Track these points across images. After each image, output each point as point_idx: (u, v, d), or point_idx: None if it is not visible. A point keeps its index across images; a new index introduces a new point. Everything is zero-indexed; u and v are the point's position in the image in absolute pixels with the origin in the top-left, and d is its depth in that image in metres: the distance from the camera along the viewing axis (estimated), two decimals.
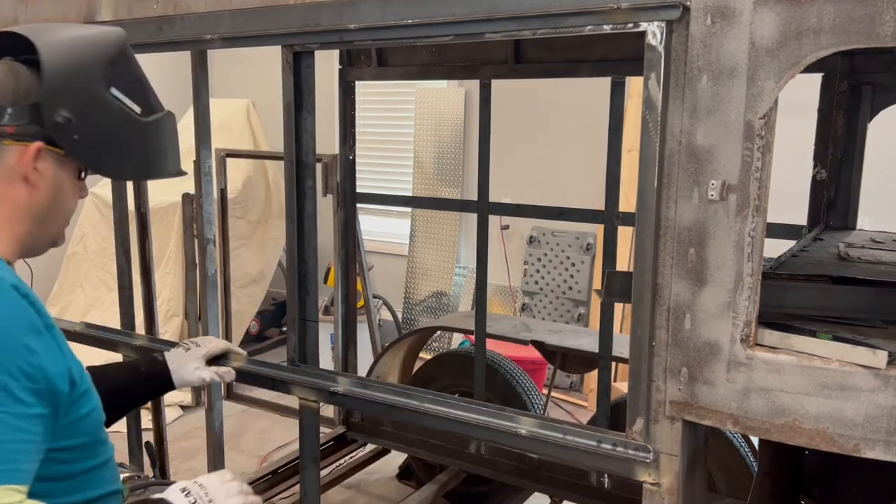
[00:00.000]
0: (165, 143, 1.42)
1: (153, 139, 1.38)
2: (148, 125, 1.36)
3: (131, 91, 1.33)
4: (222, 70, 6.88)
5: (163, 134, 1.40)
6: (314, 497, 1.98)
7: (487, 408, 1.60)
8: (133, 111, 1.33)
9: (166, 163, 1.44)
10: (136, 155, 1.37)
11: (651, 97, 1.29)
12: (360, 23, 1.58)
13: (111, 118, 1.30)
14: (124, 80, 1.33)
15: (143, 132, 1.35)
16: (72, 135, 1.25)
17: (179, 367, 1.79)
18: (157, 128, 1.38)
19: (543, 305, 5.42)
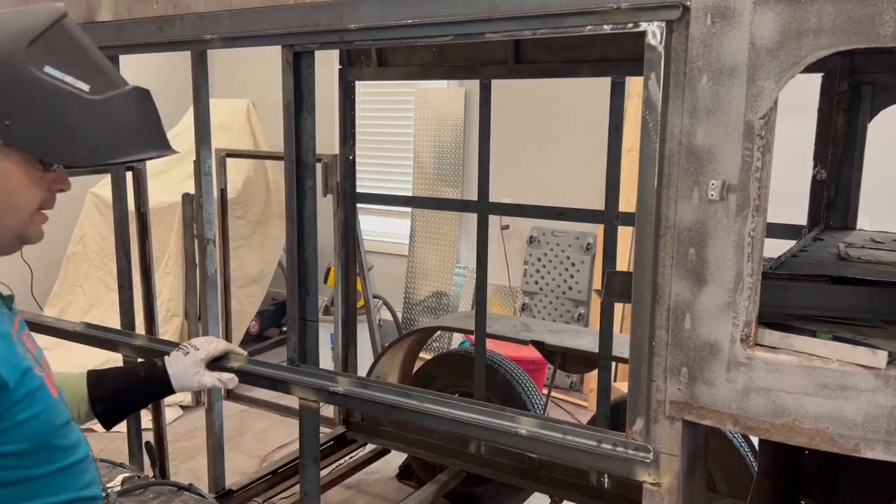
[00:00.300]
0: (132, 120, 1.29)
1: (111, 118, 1.25)
2: (101, 103, 1.23)
3: (74, 68, 1.21)
4: (222, 70, 6.88)
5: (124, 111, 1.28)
6: (314, 497, 1.98)
7: (487, 408, 1.60)
8: (79, 90, 1.21)
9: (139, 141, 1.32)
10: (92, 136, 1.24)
11: (651, 97, 1.29)
12: (360, 23, 1.58)
13: (47, 99, 1.19)
14: (62, 57, 1.21)
15: (97, 111, 1.23)
16: (2, 120, 1.16)
17: (178, 372, 1.77)
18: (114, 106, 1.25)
19: (543, 305, 5.42)
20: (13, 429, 1.18)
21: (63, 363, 4.78)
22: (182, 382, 1.77)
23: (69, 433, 1.30)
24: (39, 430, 1.23)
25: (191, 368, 1.78)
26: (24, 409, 1.19)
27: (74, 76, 1.21)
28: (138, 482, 2.08)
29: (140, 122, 1.31)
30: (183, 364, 1.78)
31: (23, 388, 1.19)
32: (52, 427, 1.26)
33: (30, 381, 1.21)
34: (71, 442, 1.30)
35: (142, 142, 1.32)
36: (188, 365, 1.78)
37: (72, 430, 1.32)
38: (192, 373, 1.77)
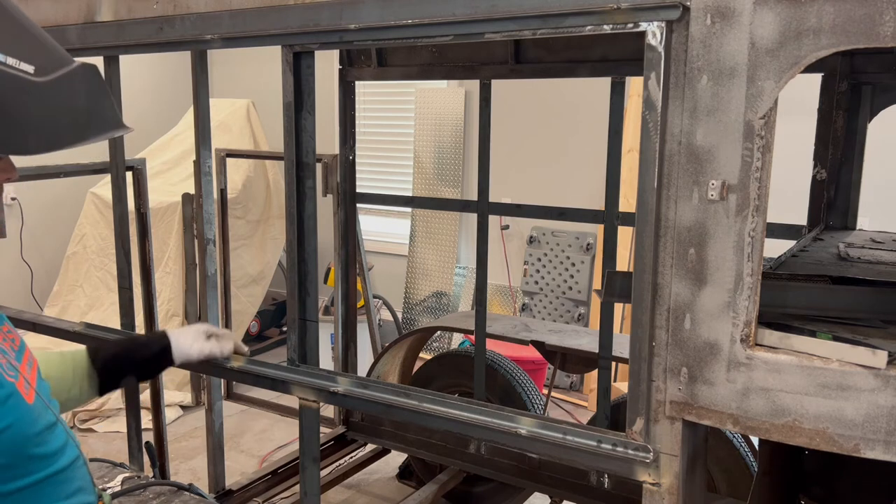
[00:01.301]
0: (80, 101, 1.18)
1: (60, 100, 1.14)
2: (46, 85, 1.11)
3: (14, 49, 1.09)
4: (222, 70, 6.88)
5: (73, 92, 1.16)
6: (314, 497, 1.98)
7: (487, 408, 1.60)
8: (22, 72, 1.08)
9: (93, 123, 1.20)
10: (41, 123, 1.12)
11: (651, 97, 1.29)
12: (360, 23, 1.58)
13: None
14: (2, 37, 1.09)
15: (43, 95, 1.11)
16: None
17: (179, 335, 1.79)
18: (62, 86, 1.14)
19: (543, 305, 5.42)
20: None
21: None
22: (181, 346, 1.78)
23: (50, 439, 1.22)
24: (12, 442, 1.14)
25: (191, 336, 1.80)
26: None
27: (17, 57, 1.09)
28: (138, 482, 2.08)
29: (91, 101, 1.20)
30: (184, 332, 1.80)
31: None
32: (27, 437, 1.17)
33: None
34: (52, 449, 1.22)
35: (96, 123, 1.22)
36: (189, 333, 1.81)
37: (54, 436, 1.24)
38: (191, 340, 1.80)
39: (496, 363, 3.51)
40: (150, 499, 2.01)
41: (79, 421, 4.57)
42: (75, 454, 1.28)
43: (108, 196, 2.55)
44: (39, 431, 1.19)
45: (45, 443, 1.20)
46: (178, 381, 4.90)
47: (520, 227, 5.55)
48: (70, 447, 1.27)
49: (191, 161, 2.33)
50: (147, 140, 5.71)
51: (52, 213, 5.53)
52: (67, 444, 1.27)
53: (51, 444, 1.22)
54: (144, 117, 6.15)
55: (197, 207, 2.37)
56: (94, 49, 2.05)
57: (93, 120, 1.20)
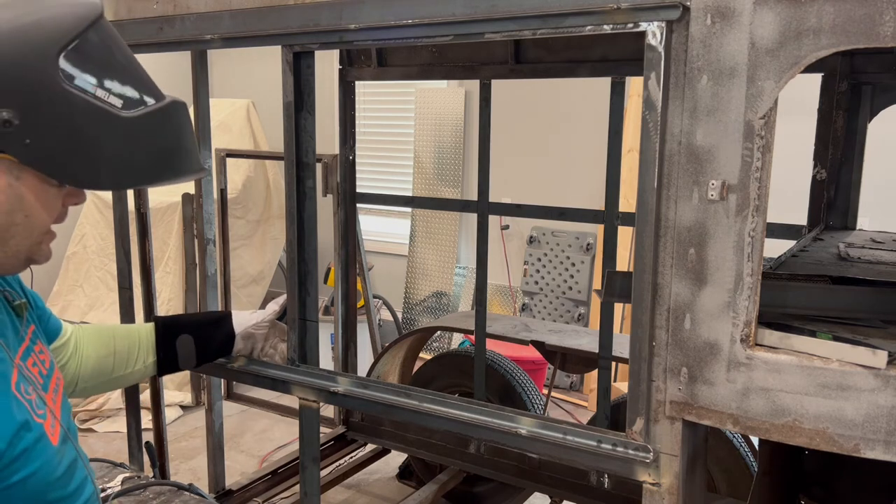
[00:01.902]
0: (162, 140, 1.15)
1: (142, 137, 1.11)
2: (132, 121, 1.09)
3: (107, 80, 1.07)
4: (222, 70, 6.88)
5: (157, 130, 1.13)
6: (314, 497, 1.98)
7: (487, 408, 1.60)
8: (109, 105, 1.07)
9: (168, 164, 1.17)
10: (119, 159, 1.10)
11: (651, 97, 1.29)
12: (360, 23, 1.58)
13: (73, 116, 1.04)
14: (95, 67, 1.06)
15: (127, 130, 1.09)
16: (21, 139, 1.02)
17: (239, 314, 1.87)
18: (148, 123, 1.11)
19: (543, 305, 5.42)
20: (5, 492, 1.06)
21: None
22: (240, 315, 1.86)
23: (70, 480, 1.19)
24: (35, 489, 1.11)
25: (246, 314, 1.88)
26: (19, 468, 1.07)
27: (107, 90, 1.07)
28: (138, 482, 2.08)
29: (173, 142, 1.17)
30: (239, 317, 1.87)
31: (18, 446, 1.07)
32: (49, 483, 1.14)
33: (26, 434, 1.09)
34: (71, 490, 1.19)
35: (173, 165, 1.18)
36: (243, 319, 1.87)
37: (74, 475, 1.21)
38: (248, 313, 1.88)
39: (496, 363, 3.51)
40: (150, 499, 2.01)
41: (79, 421, 4.57)
42: (91, 489, 1.25)
43: (109, 196, 2.55)
44: (62, 474, 1.16)
45: (66, 484, 1.18)
46: (178, 381, 4.90)
47: (520, 227, 5.55)
48: (88, 483, 1.24)
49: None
50: None
51: None
52: (86, 479, 1.24)
53: (71, 485, 1.19)
54: None
55: (197, 207, 2.37)
56: None
57: (173, 160, 1.18)
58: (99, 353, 1.64)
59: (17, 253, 1.14)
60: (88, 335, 1.64)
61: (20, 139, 1.02)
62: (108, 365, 1.65)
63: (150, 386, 2.63)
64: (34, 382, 1.19)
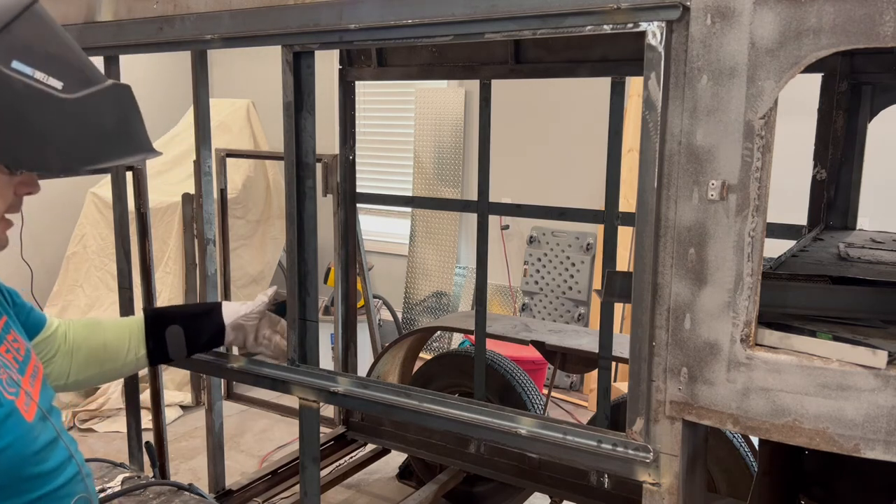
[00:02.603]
0: (107, 121, 1.16)
1: (86, 119, 1.12)
2: (74, 103, 1.09)
3: (45, 64, 1.07)
4: (222, 70, 6.88)
5: (101, 111, 1.14)
6: (314, 497, 1.98)
7: (487, 408, 1.60)
8: (50, 88, 1.07)
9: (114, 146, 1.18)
10: (65, 141, 1.10)
11: (651, 97, 1.29)
12: (360, 23, 1.58)
13: (12, 99, 1.05)
14: (32, 50, 1.07)
15: (70, 111, 1.09)
16: None
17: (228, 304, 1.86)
18: (90, 105, 1.12)
19: (543, 305, 5.42)
20: None
21: None
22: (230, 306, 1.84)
23: (50, 457, 1.20)
24: (9, 464, 1.11)
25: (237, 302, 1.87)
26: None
27: (46, 72, 1.07)
28: (138, 482, 2.08)
29: (119, 122, 1.18)
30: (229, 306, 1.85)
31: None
32: (24, 457, 1.14)
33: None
34: (51, 466, 1.20)
35: (122, 145, 1.20)
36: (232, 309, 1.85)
37: (54, 453, 1.21)
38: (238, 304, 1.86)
39: (496, 363, 3.51)
40: (150, 499, 2.01)
41: (79, 421, 4.57)
42: (75, 470, 1.25)
43: (108, 196, 2.55)
44: (38, 450, 1.17)
45: (44, 461, 1.18)
46: (178, 381, 4.90)
47: (520, 227, 5.55)
48: (69, 464, 1.24)
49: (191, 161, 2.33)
50: None
51: (52, 213, 5.53)
52: (69, 460, 1.24)
53: (50, 462, 1.19)
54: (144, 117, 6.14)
55: (197, 207, 2.37)
56: (94, 49, 2.05)
57: (119, 142, 1.18)
58: (90, 344, 1.64)
59: None
60: (78, 328, 1.65)
61: None
62: (99, 356, 1.66)
63: (150, 386, 2.63)
64: (7, 366, 1.20)
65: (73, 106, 1.10)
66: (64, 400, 4.62)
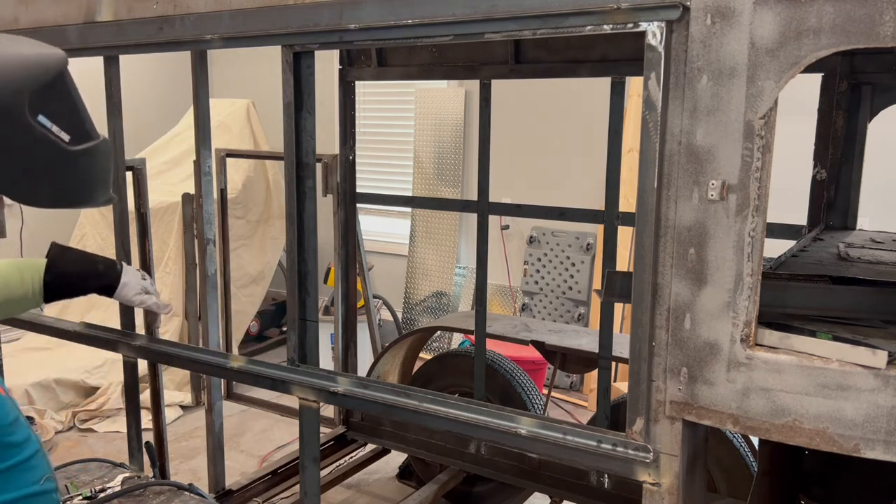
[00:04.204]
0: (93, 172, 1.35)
1: (79, 168, 1.31)
2: (74, 154, 1.29)
3: (62, 118, 1.27)
4: (222, 70, 6.88)
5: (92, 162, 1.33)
6: (314, 497, 1.98)
7: (487, 408, 1.60)
8: (59, 139, 1.26)
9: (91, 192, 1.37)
10: (56, 184, 1.29)
11: (651, 97, 1.29)
12: (360, 23, 1.58)
13: (31, 146, 1.23)
14: (56, 106, 1.26)
15: (68, 161, 1.28)
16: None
17: (129, 283, 1.92)
18: (85, 156, 1.31)
19: (543, 305, 5.42)
20: None
21: (63, 363, 4.79)
22: (125, 295, 1.93)
23: (17, 430, 1.31)
24: None
25: (138, 288, 1.94)
26: None
27: (60, 126, 1.26)
28: (138, 482, 2.08)
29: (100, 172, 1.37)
30: (135, 280, 1.94)
31: None
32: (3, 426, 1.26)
33: None
34: (19, 439, 1.31)
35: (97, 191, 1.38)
36: (138, 285, 1.94)
37: (20, 427, 1.32)
38: (137, 290, 1.94)
39: (496, 363, 3.51)
40: (150, 499, 2.01)
41: (79, 421, 4.57)
42: (36, 447, 1.36)
43: None
44: (10, 423, 1.29)
45: (13, 433, 1.29)
46: (178, 381, 4.90)
47: (520, 227, 5.55)
48: (33, 439, 1.36)
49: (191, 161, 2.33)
50: (147, 140, 5.70)
51: (52, 214, 5.53)
52: (30, 435, 1.36)
53: (18, 435, 1.31)
54: (144, 117, 6.15)
55: (197, 207, 2.37)
56: (94, 49, 2.05)
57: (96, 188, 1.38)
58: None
59: None
60: None
61: None
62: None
63: (150, 386, 2.63)
64: None
65: (74, 156, 1.28)
66: (64, 400, 4.63)
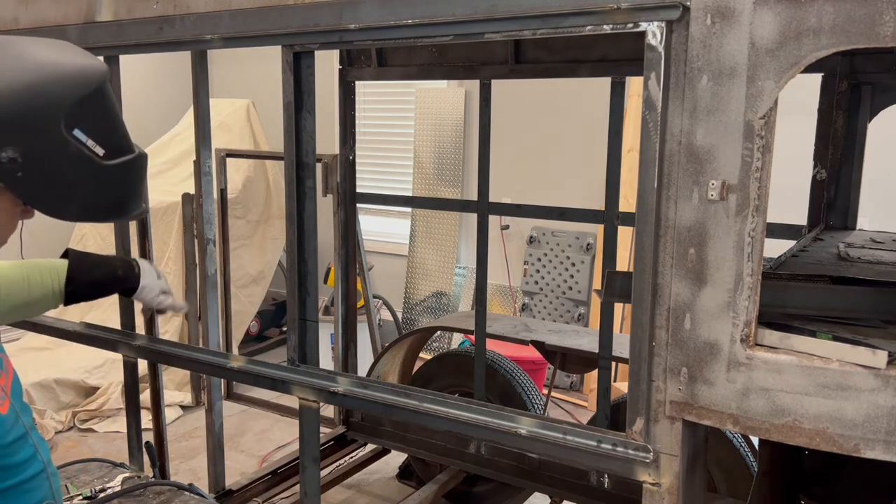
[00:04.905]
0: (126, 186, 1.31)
1: (112, 183, 1.27)
2: (108, 168, 1.24)
3: (98, 132, 1.23)
4: (222, 70, 6.88)
5: (125, 177, 1.29)
6: (314, 497, 1.98)
7: (487, 408, 1.60)
8: (94, 154, 1.22)
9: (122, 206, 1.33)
10: (87, 198, 1.25)
11: (651, 97, 1.29)
12: (360, 23, 1.58)
13: (64, 160, 1.19)
14: (93, 120, 1.22)
15: (101, 176, 1.24)
16: (15, 172, 1.15)
17: (148, 285, 1.89)
18: (119, 171, 1.27)
19: (543, 305, 5.42)
20: None
21: (63, 363, 4.79)
22: (144, 297, 1.90)
23: (19, 451, 1.25)
24: None
25: (157, 290, 1.91)
26: None
27: (96, 140, 1.22)
28: (138, 482, 2.08)
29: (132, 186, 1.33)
30: (153, 282, 1.90)
31: None
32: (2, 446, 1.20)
33: None
34: (19, 460, 1.25)
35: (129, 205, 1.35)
36: (156, 287, 1.91)
37: (23, 447, 1.26)
38: (156, 293, 1.91)
39: (496, 363, 3.51)
40: (150, 499, 2.01)
41: (79, 421, 4.57)
42: (40, 467, 1.30)
43: None
44: (10, 443, 1.22)
45: (13, 454, 1.23)
46: (178, 381, 4.90)
47: (520, 227, 5.55)
48: (36, 460, 1.29)
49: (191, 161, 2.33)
50: (147, 140, 5.70)
51: None
52: (34, 456, 1.29)
53: (18, 456, 1.25)
54: (144, 117, 6.15)
55: (197, 207, 2.37)
56: (94, 49, 2.05)
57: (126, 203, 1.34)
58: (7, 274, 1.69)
59: None
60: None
61: (15, 172, 1.15)
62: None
63: (150, 386, 2.63)
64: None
65: (107, 171, 1.25)
66: (64, 400, 4.63)
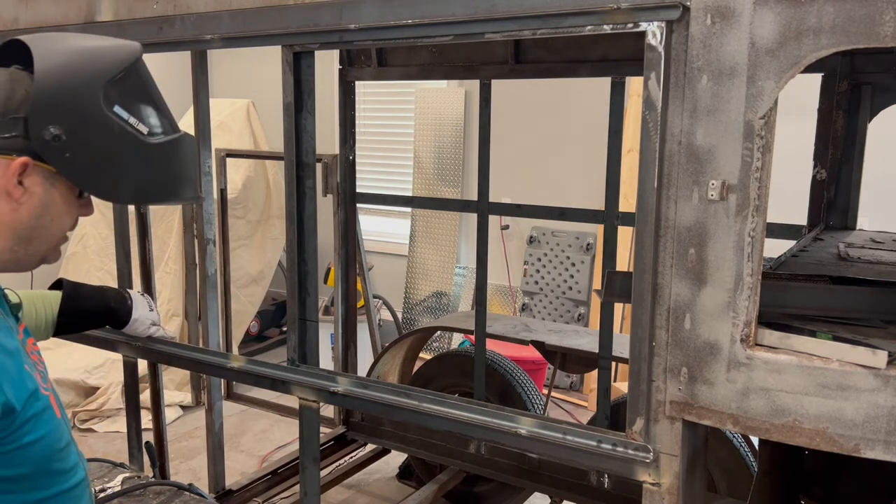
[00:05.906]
0: (176, 166, 1.32)
1: (160, 162, 1.28)
2: (154, 147, 1.25)
3: (139, 110, 1.24)
4: (222, 70, 6.88)
5: (173, 156, 1.30)
6: (314, 497, 1.98)
7: (487, 408, 1.60)
8: (138, 132, 1.23)
9: (175, 188, 1.34)
10: (136, 178, 1.26)
11: (651, 97, 1.29)
12: (360, 23, 1.58)
13: (109, 138, 1.21)
14: (132, 98, 1.24)
15: (148, 154, 1.25)
16: (62, 153, 1.17)
17: (139, 318, 1.97)
18: (166, 150, 1.28)
19: (543, 305, 5.42)
20: (14, 452, 1.14)
21: (63, 363, 4.79)
22: (134, 329, 1.99)
23: (67, 457, 1.26)
24: (41, 454, 1.18)
25: (148, 322, 2.00)
26: (29, 431, 1.15)
27: (137, 118, 1.23)
28: (138, 482, 2.08)
29: (182, 168, 1.34)
30: (144, 315, 1.98)
31: (30, 410, 1.15)
32: (54, 451, 1.21)
33: (36, 401, 1.17)
34: (68, 466, 1.26)
35: (181, 188, 1.35)
36: (147, 319, 1.99)
37: (71, 453, 1.28)
38: (147, 325, 2.00)
39: (496, 363, 3.51)
40: (150, 499, 2.01)
41: (79, 421, 4.57)
42: (83, 475, 1.31)
43: None
44: (62, 448, 1.24)
45: (65, 459, 1.25)
46: (178, 381, 4.90)
47: (520, 227, 5.55)
48: (79, 468, 1.31)
49: None
50: None
51: None
52: (78, 463, 1.30)
53: (68, 462, 1.26)
54: None
55: (197, 207, 2.37)
56: None
57: (179, 185, 1.35)
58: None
59: (37, 252, 1.26)
60: None
61: (62, 153, 1.17)
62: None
63: (150, 386, 2.63)
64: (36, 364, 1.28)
65: (153, 150, 1.26)
66: (64, 400, 4.62)
